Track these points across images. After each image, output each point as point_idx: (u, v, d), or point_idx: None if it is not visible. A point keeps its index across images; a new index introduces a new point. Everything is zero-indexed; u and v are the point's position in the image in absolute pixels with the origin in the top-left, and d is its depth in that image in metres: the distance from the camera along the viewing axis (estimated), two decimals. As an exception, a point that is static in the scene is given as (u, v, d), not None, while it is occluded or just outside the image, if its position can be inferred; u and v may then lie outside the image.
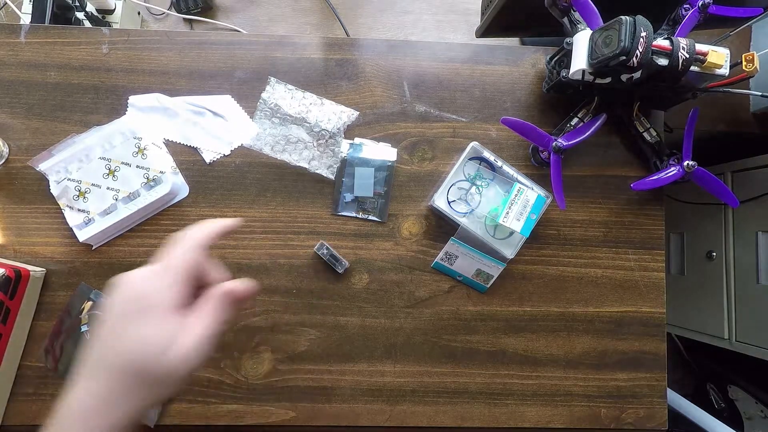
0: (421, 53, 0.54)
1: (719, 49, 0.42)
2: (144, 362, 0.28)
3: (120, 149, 0.50)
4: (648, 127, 0.51)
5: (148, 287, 0.30)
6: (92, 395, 0.29)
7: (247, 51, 0.53)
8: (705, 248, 1.01)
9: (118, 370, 0.29)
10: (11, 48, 0.52)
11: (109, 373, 0.29)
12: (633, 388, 0.53)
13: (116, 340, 0.29)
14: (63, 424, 0.29)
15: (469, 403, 0.52)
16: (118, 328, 0.29)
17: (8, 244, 0.50)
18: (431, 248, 0.52)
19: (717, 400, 1.15)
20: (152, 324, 0.29)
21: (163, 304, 0.29)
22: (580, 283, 0.53)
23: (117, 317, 0.29)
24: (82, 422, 0.29)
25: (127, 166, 0.50)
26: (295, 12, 1.34)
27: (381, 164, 0.52)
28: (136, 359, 0.28)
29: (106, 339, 0.29)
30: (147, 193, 0.49)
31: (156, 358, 0.28)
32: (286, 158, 0.51)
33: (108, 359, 0.29)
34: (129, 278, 0.30)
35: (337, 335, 0.51)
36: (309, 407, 0.51)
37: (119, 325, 0.29)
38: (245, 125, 0.52)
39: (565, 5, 0.46)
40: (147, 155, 0.50)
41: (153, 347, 0.28)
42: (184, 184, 0.51)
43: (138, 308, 0.29)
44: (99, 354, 0.30)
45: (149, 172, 0.50)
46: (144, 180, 0.50)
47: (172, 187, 0.50)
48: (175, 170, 0.51)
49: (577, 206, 0.53)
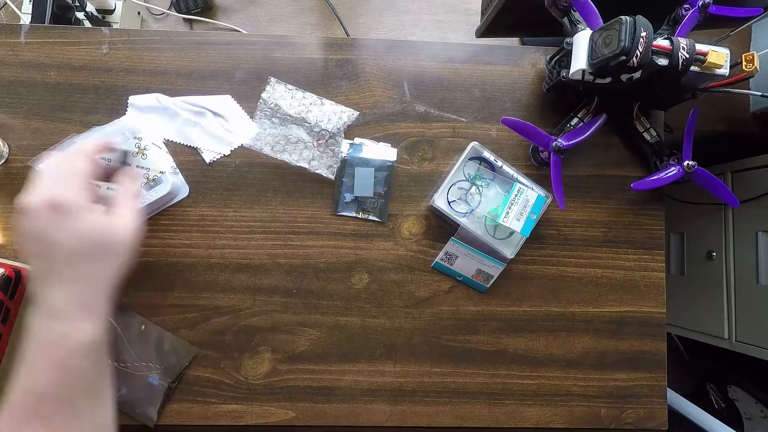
0: (421, 53, 0.54)
1: (719, 49, 0.42)
2: (95, 242, 0.37)
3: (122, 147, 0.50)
4: (648, 127, 0.51)
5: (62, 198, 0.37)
6: (62, 290, 0.36)
7: (247, 51, 0.53)
8: (705, 248, 1.01)
9: (72, 258, 0.36)
10: (11, 48, 0.52)
11: (65, 265, 0.36)
12: (633, 388, 0.53)
13: (57, 233, 0.36)
14: (40, 326, 0.35)
15: (469, 403, 0.52)
16: (46, 234, 0.36)
17: (8, 244, 0.50)
18: (431, 248, 0.52)
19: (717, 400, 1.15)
20: (78, 219, 0.36)
21: (75, 202, 0.37)
22: (580, 283, 0.53)
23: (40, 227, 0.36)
24: (58, 315, 0.35)
25: (127, 166, 0.50)
26: (295, 12, 1.34)
27: (381, 164, 0.52)
28: (89, 243, 0.36)
29: (43, 245, 0.36)
30: (147, 193, 0.49)
31: (102, 231, 0.37)
32: (286, 158, 0.51)
33: (62, 254, 0.36)
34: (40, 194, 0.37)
35: (337, 335, 0.51)
36: (309, 407, 0.51)
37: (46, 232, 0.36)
38: (246, 125, 0.52)
39: (565, 5, 0.46)
40: (147, 155, 0.50)
41: (95, 232, 0.37)
42: (184, 184, 0.51)
43: (57, 214, 0.36)
44: (47, 258, 0.36)
45: (149, 172, 0.50)
46: (144, 180, 0.50)
47: (172, 187, 0.50)
48: (175, 170, 0.51)
49: (577, 206, 0.53)
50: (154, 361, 0.49)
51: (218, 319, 0.51)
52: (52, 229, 0.36)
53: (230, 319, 0.51)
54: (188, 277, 0.51)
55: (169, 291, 0.51)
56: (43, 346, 0.35)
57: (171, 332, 0.50)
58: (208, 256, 0.51)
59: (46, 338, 0.35)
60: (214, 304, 0.51)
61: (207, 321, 0.51)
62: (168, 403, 0.49)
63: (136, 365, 0.49)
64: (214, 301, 0.51)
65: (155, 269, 0.51)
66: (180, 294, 0.51)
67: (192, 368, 0.50)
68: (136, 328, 0.50)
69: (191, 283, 0.51)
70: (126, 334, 0.49)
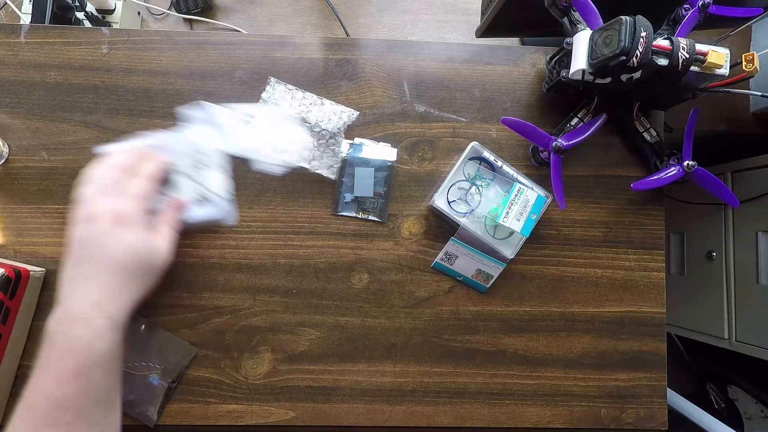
0: (421, 53, 0.54)
1: (719, 49, 0.42)
2: (134, 259, 0.38)
3: (182, 159, 0.50)
4: (648, 127, 0.51)
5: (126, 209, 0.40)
6: (94, 294, 0.37)
7: (247, 51, 0.53)
8: (705, 248, 1.01)
9: (113, 270, 0.37)
10: (11, 48, 0.52)
11: (107, 271, 0.37)
12: (633, 388, 0.53)
13: (103, 250, 0.37)
14: (65, 331, 0.36)
15: (469, 403, 0.52)
16: (102, 238, 0.38)
17: (8, 244, 0.50)
18: (431, 248, 0.52)
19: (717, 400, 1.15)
20: (132, 233, 0.39)
21: (135, 218, 0.40)
22: (580, 283, 0.53)
23: (99, 231, 0.38)
24: (86, 323, 0.36)
25: (186, 177, 0.50)
26: (295, 12, 1.34)
27: (381, 164, 0.52)
28: (126, 257, 0.38)
29: (94, 251, 0.38)
30: (197, 210, 0.49)
31: (144, 252, 0.39)
32: (287, 158, 0.51)
33: (98, 268, 0.37)
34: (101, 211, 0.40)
35: (337, 335, 0.51)
36: (309, 407, 0.51)
37: (100, 242, 0.38)
38: (301, 139, 0.51)
39: (565, 5, 0.46)
40: (206, 173, 0.50)
41: (134, 248, 0.39)
42: (235, 211, 0.51)
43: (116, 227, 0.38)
44: (93, 260, 0.37)
45: (203, 188, 0.49)
46: (196, 196, 0.49)
47: (221, 214, 0.50)
48: (229, 195, 0.51)
49: (577, 206, 0.53)
50: (154, 361, 0.49)
51: (218, 319, 0.51)
52: (108, 238, 0.38)
53: (230, 319, 0.51)
54: (188, 277, 0.51)
55: (169, 291, 0.51)
56: (67, 353, 0.35)
57: (171, 332, 0.50)
58: (208, 256, 0.51)
59: (71, 345, 0.35)
60: (214, 304, 0.51)
61: (207, 321, 0.51)
62: (168, 403, 0.49)
63: (136, 365, 0.49)
64: (214, 301, 0.51)
65: (155, 269, 0.51)
66: (180, 294, 0.51)
67: (192, 368, 0.50)
68: (136, 327, 0.50)
69: (191, 283, 0.51)
70: (126, 334, 0.49)
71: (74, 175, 0.51)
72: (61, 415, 0.34)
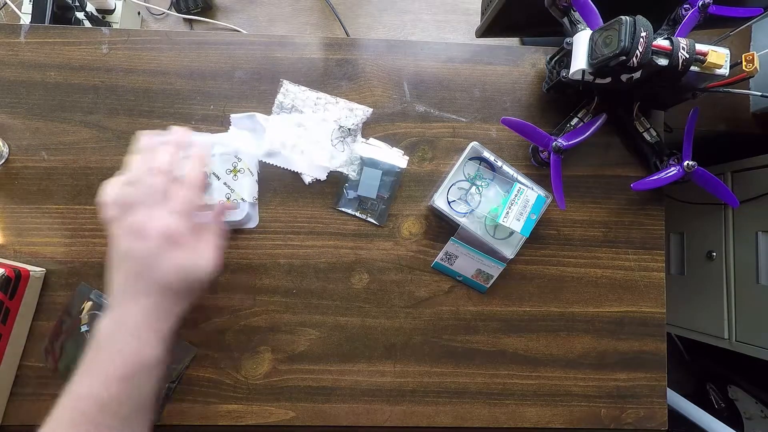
0: (421, 53, 0.54)
1: (719, 49, 0.42)
2: (182, 278, 0.38)
3: (217, 160, 0.50)
4: (648, 127, 0.51)
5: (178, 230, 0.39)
6: (144, 310, 0.37)
7: (247, 51, 0.53)
8: (705, 248, 1.01)
9: (163, 289, 0.38)
10: (11, 48, 0.52)
11: (157, 291, 0.37)
12: (633, 388, 0.53)
13: (155, 271, 0.37)
14: (115, 337, 0.37)
15: (469, 403, 0.52)
16: (153, 259, 0.38)
17: (8, 244, 0.50)
18: (431, 248, 0.52)
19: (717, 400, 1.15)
20: (182, 252, 0.38)
21: (185, 237, 0.39)
22: (580, 283, 0.53)
23: (150, 251, 0.38)
24: (136, 333, 0.37)
25: (217, 179, 0.50)
26: (295, 12, 1.34)
27: (390, 169, 0.52)
28: (176, 278, 0.38)
29: (146, 271, 0.37)
30: None
31: (192, 271, 0.39)
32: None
33: (149, 287, 0.37)
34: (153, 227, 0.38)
35: (337, 335, 0.51)
36: (309, 407, 0.51)
37: (152, 261, 0.38)
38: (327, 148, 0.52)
39: (565, 5, 0.46)
40: (239, 178, 0.50)
41: (184, 268, 0.38)
42: (257, 215, 0.51)
43: (167, 247, 0.38)
44: (143, 279, 0.37)
45: (233, 194, 0.50)
46: (224, 199, 0.50)
47: (244, 218, 0.50)
48: (255, 201, 0.51)
49: (577, 206, 0.53)
50: (154, 361, 0.49)
51: (218, 319, 0.51)
52: (159, 260, 0.37)
53: (230, 319, 0.51)
54: (188, 277, 0.51)
55: (169, 291, 0.51)
56: (116, 357, 0.36)
57: (171, 332, 0.50)
58: (208, 256, 0.51)
59: (122, 351, 0.36)
60: (214, 304, 0.51)
61: (207, 321, 0.51)
62: (168, 403, 0.49)
63: (136, 365, 0.49)
64: (214, 301, 0.51)
65: (155, 269, 0.51)
66: (180, 294, 0.51)
67: (192, 368, 0.50)
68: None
69: (191, 283, 0.51)
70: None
71: (74, 175, 0.51)
72: (103, 417, 0.35)
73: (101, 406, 0.35)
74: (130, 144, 0.50)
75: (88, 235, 0.51)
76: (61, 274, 0.51)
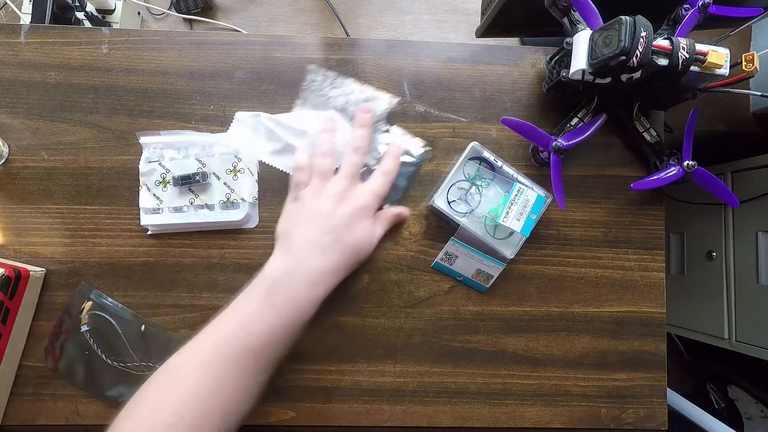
0: (421, 53, 0.54)
1: (719, 49, 0.42)
2: (362, 246, 0.46)
3: (217, 160, 0.50)
4: (648, 127, 0.51)
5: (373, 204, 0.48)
6: (327, 264, 0.43)
7: (247, 51, 0.53)
8: (705, 248, 1.01)
9: (349, 250, 0.45)
10: (11, 48, 0.52)
11: (342, 252, 0.44)
12: (633, 388, 0.53)
13: (348, 233, 0.45)
14: (306, 276, 0.42)
15: (469, 403, 0.52)
16: (347, 226, 0.45)
17: (8, 244, 0.50)
18: (431, 248, 0.52)
19: (717, 400, 1.15)
20: (368, 224, 0.47)
21: (370, 215, 0.47)
22: (580, 283, 0.53)
23: (353, 215, 0.45)
24: (322, 279, 0.43)
25: (216, 178, 0.50)
26: (295, 12, 1.34)
27: (418, 159, 0.53)
28: (359, 244, 0.46)
29: (341, 231, 0.44)
30: (220, 212, 0.50)
31: (368, 243, 0.47)
32: None
33: (340, 245, 0.44)
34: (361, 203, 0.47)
35: (337, 335, 0.51)
36: (309, 407, 0.51)
37: (348, 224, 0.45)
38: None
39: (565, 5, 0.46)
40: (238, 178, 0.50)
41: (366, 238, 0.47)
42: (257, 215, 0.51)
43: (361, 216, 0.46)
44: (337, 237, 0.44)
45: (232, 194, 0.50)
46: (224, 199, 0.50)
47: (243, 218, 0.50)
48: (255, 201, 0.51)
49: (577, 206, 0.53)
50: (154, 361, 0.49)
51: (218, 319, 0.51)
52: (356, 223, 0.45)
53: (230, 319, 0.51)
54: (188, 277, 0.51)
55: (169, 291, 0.51)
56: (289, 305, 0.41)
57: (171, 332, 0.50)
58: (208, 256, 0.51)
59: (296, 300, 0.41)
60: (214, 304, 0.51)
61: (207, 321, 0.50)
62: (168, 403, 0.49)
63: (136, 365, 0.49)
64: (214, 301, 0.51)
65: (155, 269, 0.51)
66: (180, 294, 0.51)
67: (192, 368, 0.50)
68: (136, 328, 0.50)
69: (191, 283, 0.51)
70: (126, 334, 0.49)
71: (74, 175, 0.51)
72: (250, 360, 0.39)
73: (261, 345, 0.40)
74: (130, 145, 0.50)
75: (88, 235, 0.51)
76: (61, 274, 0.51)
